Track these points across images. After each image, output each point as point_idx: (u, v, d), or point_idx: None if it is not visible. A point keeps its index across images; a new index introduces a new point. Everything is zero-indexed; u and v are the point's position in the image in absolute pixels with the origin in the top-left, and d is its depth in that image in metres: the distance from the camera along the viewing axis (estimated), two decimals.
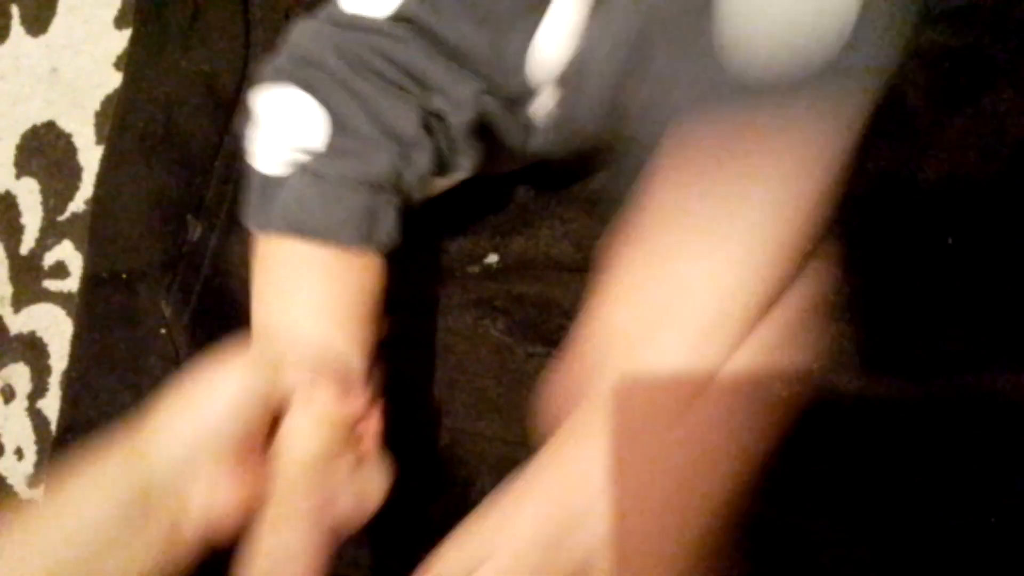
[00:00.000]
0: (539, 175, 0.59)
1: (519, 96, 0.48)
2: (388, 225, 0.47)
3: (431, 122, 0.47)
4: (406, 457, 0.59)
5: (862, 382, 0.53)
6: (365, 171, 0.45)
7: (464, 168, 0.49)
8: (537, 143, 0.51)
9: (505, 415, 0.59)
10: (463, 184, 0.53)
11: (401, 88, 0.45)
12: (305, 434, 0.43)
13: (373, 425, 0.47)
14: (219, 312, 0.63)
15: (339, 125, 0.44)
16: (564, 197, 0.60)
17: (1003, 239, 0.50)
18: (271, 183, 0.46)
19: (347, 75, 0.44)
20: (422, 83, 0.46)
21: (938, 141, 0.50)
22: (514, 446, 0.58)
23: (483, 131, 0.48)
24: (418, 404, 0.59)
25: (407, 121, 0.45)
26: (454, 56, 0.46)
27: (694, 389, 0.37)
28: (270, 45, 0.64)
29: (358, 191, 0.45)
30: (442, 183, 0.52)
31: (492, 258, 0.60)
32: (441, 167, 0.49)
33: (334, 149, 0.44)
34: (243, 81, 0.64)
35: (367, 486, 0.44)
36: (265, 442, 0.43)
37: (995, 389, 0.50)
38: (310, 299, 0.45)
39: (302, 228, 0.45)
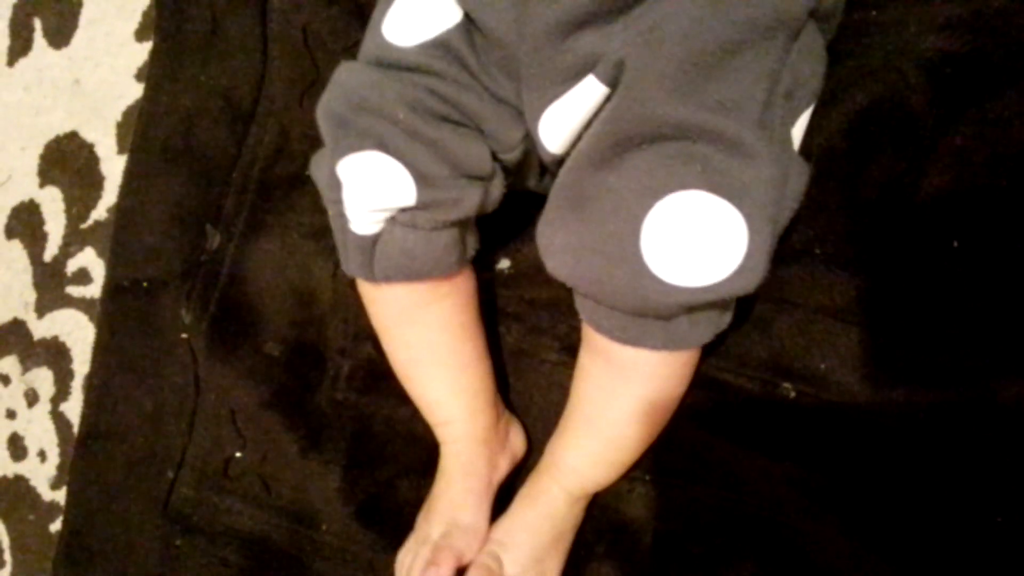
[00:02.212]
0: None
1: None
2: (473, 241, 0.53)
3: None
4: (426, 461, 0.60)
5: (870, 385, 0.53)
6: (455, 215, 0.48)
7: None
8: (548, 182, 0.53)
9: (519, 418, 0.60)
10: None
11: (466, 126, 0.48)
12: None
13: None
14: (237, 318, 0.65)
15: (423, 179, 0.47)
16: None
17: (1009, 244, 0.50)
18: (367, 240, 0.49)
19: (417, 124, 0.46)
20: (477, 125, 0.48)
21: (942, 147, 0.50)
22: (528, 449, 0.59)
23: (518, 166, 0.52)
24: None
25: (482, 160, 0.48)
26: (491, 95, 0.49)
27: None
28: (287, 59, 0.66)
29: (450, 229, 0.50)
30: None
31: (504, 263, 0.61)
32: None
33: (423, 202, 0.47)
34: (260, 94, 0.66)
35: (514, 444, 0.57)
36: None
37: (1001, 395, 0.50)
38: (434, 346, 0.54)
39: (410, 273, 0.50)
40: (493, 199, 0.51)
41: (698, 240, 0.42)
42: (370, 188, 0.47)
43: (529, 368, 0.60)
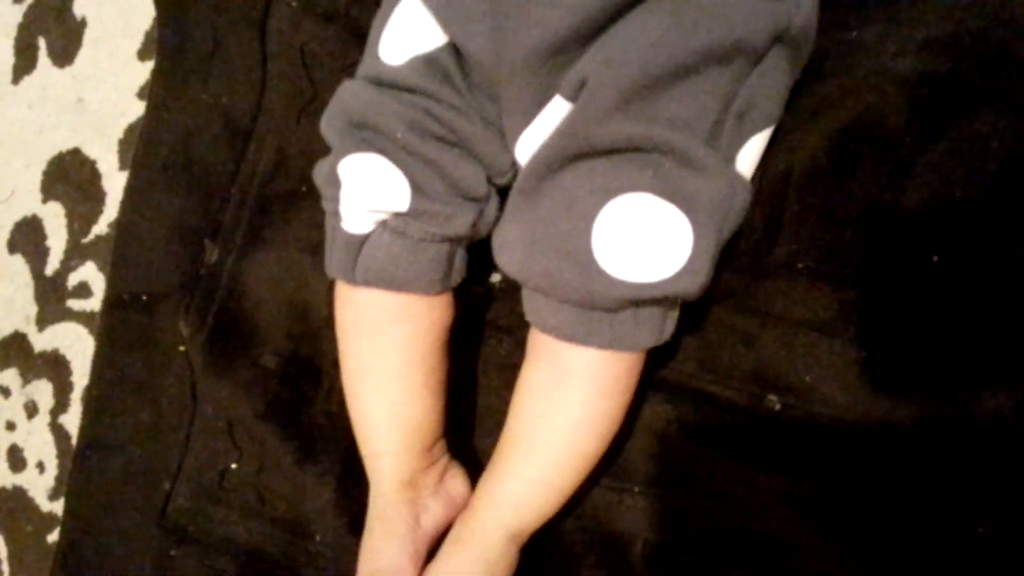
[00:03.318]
0: None
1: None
2: (460, 267, 0.53)
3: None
4: None
5: (854, 397, 0.54)
6: (446, 230, 0.49)
7: None
8: None
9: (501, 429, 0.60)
10: None
11: (461, 148, 0.49)
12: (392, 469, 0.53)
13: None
14: (235, 332, 0.66)
15: (419, 189, 0.48)
16: None
17: (987, 258, 0.51)
18: (355, 239, 0.50)
19: (415, 144, 0.48)
20: (472, 150, 0.50)
21: (921, 164, 0.52)
22: None
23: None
24: None
25: (477, 182, 0.50)
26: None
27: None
28: (285, 78, 0.67)
29: (439, 244, 0.50)
30: None
31: (496, 277, 0.62)
32: None
33: (416, 211, 0.48)
34: (259, 112, 0.67)
35: (452, 488, 0.54)
36: None
37: (980, 407, 0.51)
38: (389, 367, 0.52)
39: (391, 281, 0.50)
40: (487, 222, 0.51)
41: (645, 239, 0.44)
42: (367, 187, 0.48)
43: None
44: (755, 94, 0.45)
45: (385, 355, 0.52)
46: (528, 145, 0.48)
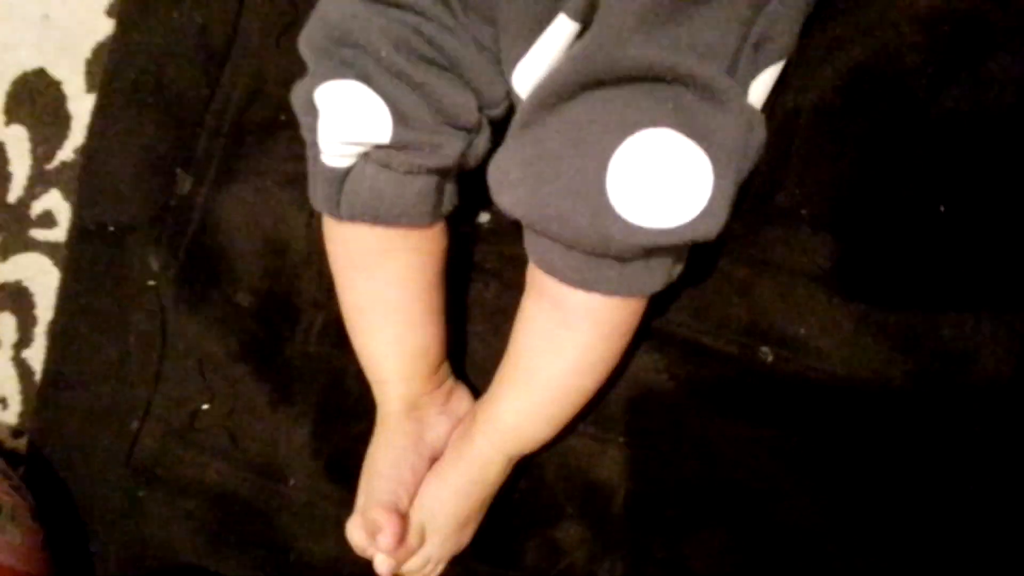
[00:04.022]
0: None
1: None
2: (451, 196, 0.51)
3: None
4: None
5: (848, 351, 0.53)
6: (433, 162, 0.46)
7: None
8: None
9: (490, 372, 0.59)
10: None
11: (451, 73, 0.46)
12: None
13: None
14: (207, 266, 0.63)
15: (402, 118, 0.45)
16: None
17: (995, 211, 0.50)
18: (336, 173, 0.47)
19: (401, 64, 0.44)
20: (463, 75, 0.46)
21: (934, 109, 0.50)
22: None
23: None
24: None
25: (467, 109, 0.46)
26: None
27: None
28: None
29: (426, 176, 0.47)
30: None
31: (484, 217, 0.60)
32: None
33: (399, 142, 0.45)
34: (235, 34, 0.63)
35: (459, 410, 0.55)
36: None
37: (978, 364, 0.50)
38: (389, 299, 0.51)
39: (377, 215, 0.47)
40: (477, 154, 0.49)
41: (664, 181, 0.41)
42: (345, 119, 0.45)
43: (506, 325, 0.59)
44: (774, 23, 0.42)
45: (384, 288, 0.51)
46: (527, 73, 0.45)
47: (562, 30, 0.43)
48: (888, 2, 0.50)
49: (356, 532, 0.48)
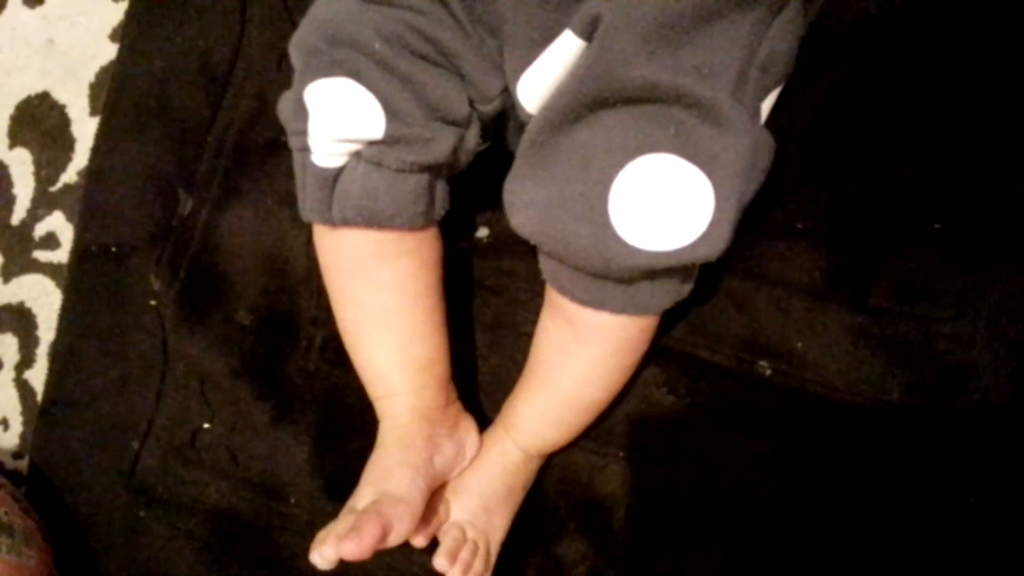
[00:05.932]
0: None
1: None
2: (443, 198, 0.50)
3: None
4: None
5: (845, 364, 0.53)
6: (425, 158, 0.46)
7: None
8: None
9: (492, 391, 0.59)
10: None
11: (444, 67, 0.46)
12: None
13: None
14: (208, 286, 0.63)
15: (393, 114, 0.45)
16: None
17: (986, 228, 0.50)
18: (328, 174, 0.47)
19: (392, 59, 0.45)
20: (456, 67, 0.47)
21: (929, 118, 0.50)
22: None
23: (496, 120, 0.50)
24: None
25: (458, 104, 0.47)
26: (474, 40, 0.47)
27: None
28: (265, 21, 0.64)
29: (418, 174, 0.47)
30: None
31: (483, 232, 0.60)
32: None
33: (391, 138, 0.45)
34: (237, 56, 0.64)
35: (464, 437, 0.54)
36: None
37: (972, 380, 0.50)
38: (388, 316, 0.50)
39: (370, 217, 0.47)
40: (467, 150, 0.49)
41: (665, 204, 0.41)
42: (337, 114, 0.45)
43: (506, 341, 0.59)
44: (777, 46, 0.42)
45: (382, 296, 0.50)
46: (532, 83, 0.45)
47: (567, 46, 0.43)
48: (875, 17, 0.51)
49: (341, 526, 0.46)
